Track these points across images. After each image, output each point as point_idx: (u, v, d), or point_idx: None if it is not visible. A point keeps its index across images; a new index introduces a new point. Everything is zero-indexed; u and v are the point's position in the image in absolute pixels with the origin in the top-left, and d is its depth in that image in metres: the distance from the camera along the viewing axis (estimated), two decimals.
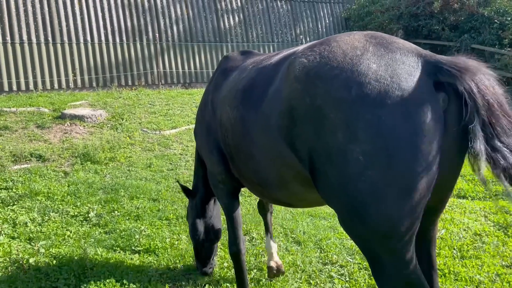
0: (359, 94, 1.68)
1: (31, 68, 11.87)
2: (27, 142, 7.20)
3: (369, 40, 1.84)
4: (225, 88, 2.76)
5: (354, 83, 1.71)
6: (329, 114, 1.75)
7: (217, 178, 2.96)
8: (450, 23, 14.98)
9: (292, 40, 16.60)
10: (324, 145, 1.78)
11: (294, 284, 3.60)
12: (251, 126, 2.31)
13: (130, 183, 5.82)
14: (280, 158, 2.13)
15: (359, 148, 1.67)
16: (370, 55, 1.76)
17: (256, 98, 2.27)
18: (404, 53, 1.76)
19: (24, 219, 4.64)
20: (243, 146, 2.44)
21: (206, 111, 3.03)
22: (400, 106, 1.65)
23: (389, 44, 1.81)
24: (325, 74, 1.79)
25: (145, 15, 13.87)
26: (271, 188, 2.43)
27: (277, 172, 2.25)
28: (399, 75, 1.69)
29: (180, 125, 8.73)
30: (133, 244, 4.19)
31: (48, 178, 5.95)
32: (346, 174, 1.72)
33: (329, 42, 1.93)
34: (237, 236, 3.09)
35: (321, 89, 1.79)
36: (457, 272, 3.71)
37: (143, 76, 13.56)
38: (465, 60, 1.73)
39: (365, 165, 1.67)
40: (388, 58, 1.74)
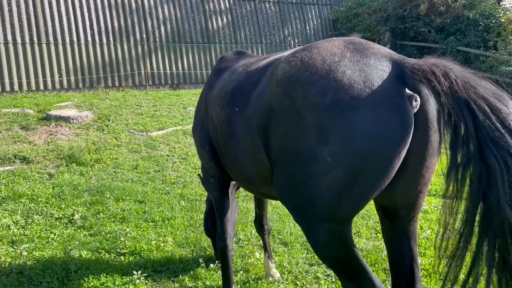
0: (334, 99, 1.78)
1: (16, 69, 11.70)
2: (11, 144, 7.09)
3: (347, 47, 1.94)
4: (217, 88, 2.87)
5: (330, 88, 1.81)
6: (305, 117, 1.85)
7: (209, 172, 3.07)
8: (436, 25, 15.13)
9: (281, 42, 16.63)
10: (295, 145, 1.90)
11: (280, 285, 3.59)
12: (237, 126, 2.41)
13: (116, 185, 5.76)
14: (258, 156, 2.24)
15: (328, 149, 1.79)
16: (347, 61, 1.86)
17: (243, 101, 2.37)
18: (378, 58, 1.86)
19: (7, 222, 4.57)
20: (230, 145, 2.56)
21: (201, 108, 3.14)
22: (370, 109, 1.75)
23: (365, 50, 1.90)
24: (304, 80, 1.90)
25: (133, 15, 13.77)
26: (256, 184, 2.55)
27: (257, 170, 2.36)
28: (372, 80, 1.78)
29: (167, 127, 8.68)
30: (118, 247, 4.14)
31: (32, 180, 5.87)
32: (311, 172, 1.85)
33: (311, 48, 2.03)
34: (225, 231, 3.18)
35: (300, 94, 1.89)
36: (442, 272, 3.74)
37: (130, 77, 13.45)
38: (429, 62, 1.80)
39: (332, 164, 1.79)
40: (363, 64, 1.84)
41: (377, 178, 1.81)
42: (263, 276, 3.73)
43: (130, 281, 3.57)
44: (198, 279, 3.67)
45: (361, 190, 1.84)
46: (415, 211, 2.12)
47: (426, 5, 14.57)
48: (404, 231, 2.15)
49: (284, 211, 5.16)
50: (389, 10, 15.93)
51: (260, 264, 3.92)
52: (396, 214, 2.12)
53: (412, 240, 2.17)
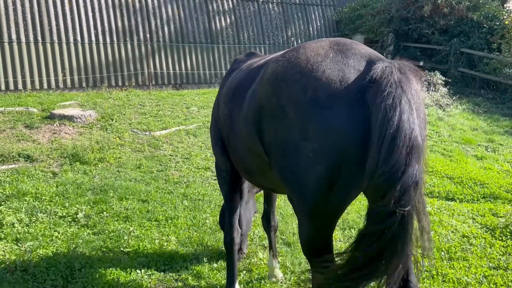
0: (312, 97, 1.90)
1: (20, 68, 11.73)
2: (15, 142, 7.11)
3: (332, 47, 2.05)
4: (225, 87, 3.03)
5: (310, 87, 1.92)
6: (289, 113, 1.98)
7: (221, 167, 3.20)
8: (440, 27, 15.12)
9: (284, 42, 16.63)
10: (283, 140, 2.02)
11: (283, 285, 3.60)
12: (236, 121, 2.59)
13: (119, 184, 5.78)
14: (255, 149, 2.37)
15: (310, 146, 1.90)
16: (328, 61, 1.97)
17: (241, 97, 2.54)
18: (357, 58, 1.97)
19: (11, 220, 4.59)
20: (232, 139, 2.74)
21: (215, 108, 3.29)
22: (345, 107, 1.85)
23: (347, 51, 2.01)
24: (289, 78, 2.02)
25: (136, 15, 13.80)
26: (254, 175, 2.72)
27: (255, 162, 2.50)
28: (348, 79, 1.89)
29: (171, 126, 8.70)
30: (121, 245, 4.16)
31: (36, 179, 5.89)
32: (297, 167, 1.97)
33: (299, 49, 2.17)
34: (232, 225, 3.28)
35: (285, 91, 2.02)
36: (445, 274, 3.74)
37: (133, 77, 13.48)
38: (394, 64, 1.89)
39: (314, 160, 1.89)
40: (342, 64, 1.95)
41: (357, 173, 1.88)
42: (266, 276, 3.74)
43: (134, 280, 3.59)
44: (201, 278, 3.68)
45: (344, 185, 1.94)
46: None
47: (429, 6, 14.56)
48: None
49: (287, 212, 5.16)
50: (392, 12, 15.92)
51: (263, 264, 3.93)
52: None
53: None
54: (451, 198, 5.87)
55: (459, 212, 5.28)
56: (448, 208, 5.42)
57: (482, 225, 4.86)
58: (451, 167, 7.18)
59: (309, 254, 2.25)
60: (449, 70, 14.25)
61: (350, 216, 5.01)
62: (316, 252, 2.20)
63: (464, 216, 5.14)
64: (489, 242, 4.41)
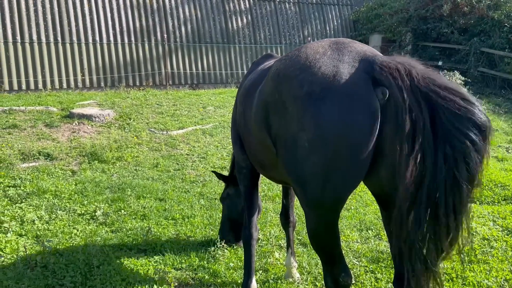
0: (308, 91, 2.02)
1: (40, 68, 11.96)
2: (36, 141, 7.25)
3: (331, 46, 2.16)
4: (242, 87, 3.13)
5: (306, 82, 2.05)
6: (288, 107, 2.10)
7: (241, 164, 3.29)
8: (459, 26, 14.87)
9: (300, 42, 16.58)
10: (284, 132, 2.15)
11: (300, 286, 3.58)
12: (249, 119, 2.71)
13: (137, 183, 5.84)
14: (265, 143, 2.47)
15: (306, 136, 2.01)
16: (325, 58, 2.08)
17: (252, 96, 2.67)
18: (352, 55, 2.07)
19: (31, 217, 4.67)
20: (246, 135, 2.88)
21: (234, 108, 3.40)
22: (338, 100, 1.95)
23: (344, 49, 2.12)
24: (289, 75, 2.16)
25: (154, 15, 13.93)
26: (267, 169, 2.82)
27: (267, 156, 2.59)
28: (341, 74, 1.99)
29: (187, 126, 8.75)
30: (139, 243, 4.20)
31: (56, 177, 5.99)
32: (296, 157, 2.08)
33: (301, 48, 2.29)
34: (251, 221, 3.34)
35: (285, 87, 2.15)
36: (465, 277, 3.68)
37: (151, 77, 13.61)
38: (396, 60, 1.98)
39: (310, 151, 2.00)
40: (337, 60, 2.05)
41: (352, 164, 1.99)
42: (282, 276, 3.73)
43: (152, 277, 3.62)
44: (217, 277, 3.69)
45: (340, 176, 2.02)
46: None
47: (449, 5, 14.34)
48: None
49: (302, 212, 5.13)
50: (411, 11, 15.72)
51: (279, 264, 3.92)
52: (389, 202, 2.17)
53: None
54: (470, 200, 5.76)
55: (479, 214, 5.18)
56: None
57: (503, 228, 4.76)
58: None
59: (316, 247, 2.32)
60: (468, 70, 14.00)
61: (368, 217, 4.96)
62: (322, 243, 2.28)
63: (484, 219, 5.04)
64: (510, 245, 4.32)
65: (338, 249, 2.28)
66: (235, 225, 4.21)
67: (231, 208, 4.23)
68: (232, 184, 4.22)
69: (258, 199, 3.47)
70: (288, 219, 3.82)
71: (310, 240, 2.32)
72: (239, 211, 4.17)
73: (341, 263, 2.29)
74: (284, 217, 3.85)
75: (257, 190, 3.45)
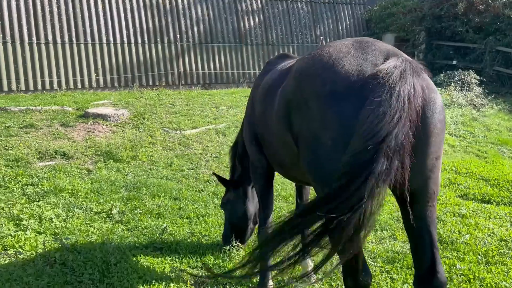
0: (331, 90, 2.03)
1: (56, 68, 12.13)
2: (52, 140, 7.35)
3: (354, 45, 2.18)
4: (260, 87, 3.14)
5: (329, 80, 2.06)
6: (311, 105, 2.12)
7: (256, 164, 3.34)
8: (474, 25, 14.70)
9: (312, 42, 16.55)
10: (306, 130, 2.17)
11: (315, 285, 3.58)
12: (269, 117, 2.72)
13: (152, 182, 5.89)
14: (286, 142, 2.49)
15: (328, 135, 2.02)
16: (349, 57, 2.09)
17: (273, 95, 2.70)
18: (375, 54, 2.08)
19: (49, 215, 4.74)
20: (266, 134, 2.89)
21: (248, 108, 3.44)
22: (361, 98, 1.93)
23: (367, 47, 2.13)
24: (312, 73, 2.19)
25: (167, 16, 14.02)
26: (288, 169, 2.84)
27: (287, 154, 2.61)
28: (365, 73, 2.00)
29: (200, 125, 8.79)
30: (155, 242, 4.24)
31: (72, 175, 6.07)
32: (318, 156, 2.10)
33: (323, 47, 2.30)
34: (267, 220, 3.36)
35: (308, 85, 2.18)
36: (482, 278, 3.64)
37: (164, 77, 13.71)
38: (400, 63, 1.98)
39: (332, 149, 2.01)
40: (361, 59, 2.07)
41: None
42: (298, 275, 3.72)
43: (168, 275, 3.65)
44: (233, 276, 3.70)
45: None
46: (428, 196, 2.21)
47: (464, 4, 14.19)
48: (421, 216, 2.22)
49: None
50: (425, 10, 15.59)
51: None
52: (409, 199, 2.16)
53: (430, 225, 2.25)
54: (487, 201, 5.70)
55: (496, 215, 5.12)
56: (484, 211, 5.27)
57: None
58: (486, 168, 6.97)
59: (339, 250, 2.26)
60: (484, 69, 13.83)
61: (382, 217, 4.94)
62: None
63: (501, 220, 4.99)
64: None
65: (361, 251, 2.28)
66: (237, 230, 4.14)
67: (232, 213, 4.14)
68: (233, 188, 4.16)
69: (272, 198, 3.47)
70: None
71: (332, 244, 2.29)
72: (240, 216, 4.11)
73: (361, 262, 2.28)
74: None
75: (272, 190, 3.45)
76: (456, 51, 15.44)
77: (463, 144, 8.77)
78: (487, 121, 10.47)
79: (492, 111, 11.20)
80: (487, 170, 6.88)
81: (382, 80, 1.91)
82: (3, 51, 11.45)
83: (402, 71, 1.94)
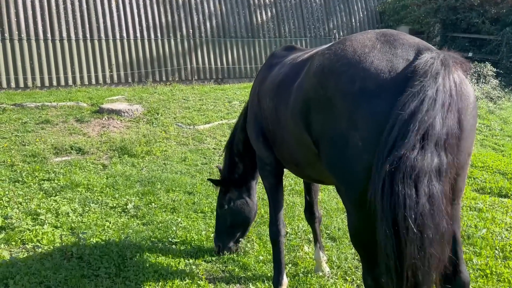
0: (361, 87, 1.92)
1: (70, 64, 12.25)
2: (67, 135, 7.44)
3: (379, 38, 2.06)
4: (268, 81, 3.03)
5: (358, 77, 1.94)
6: (337, 104, 2.00)
7: (265, 161, 3.23)
8: (490, 16, 14.41)
9: (325, 35, 16.41)
10: (331, 130, 2.05)
11: (329, 280, 3.58)
12: (283, 114, 2.62)
13: (166, 176, 5.93)
14: (303, 141, 2.40)
15: (358, 135, 1.91)
16: (376, 52, 1.98)
17: (287, 90, 2.58)
18: (405, 48, 1.97)
19: (66, 210, 4.81)
20: (278, 132, 2.79)
21: (254, 103, 3.30)
22: (394, 96, 1.84)
23: (394, 41, 2.02)
24: (336, 70, 2.05)
25: (179, 11, 14.04)
26: (303, 167, 2.75)
27: (303, 153, 2.53)
28: (396, 69, 1.90)
29: (214, 120, 8.81)
30: (170, 236, 4.27)
31: (88, 170, 6.14)
32: (345, 156, 1.99)
33: (345, 41, 2.17)
34: (278, 218, 3.30)
35: (332, 83, 2.05)
36: (500, 273, 3.59)
37: (177, 72, 13.75)
38: (449, 55, 1.91)
39: (363, 149, 1.90)
40: (390, 54, 1.96)
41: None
42: (312, 270, 3.73)
43: (183, 269, 3.68)
44: (247, 270, 3.72)
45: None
46: (455, 194, 2.13)
47: None
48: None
49: (331, 206, 5.12)
50: (439, 1, 15.33)
51: (308, 258, 3.93)
52: None
53: (454, 223, 2.17)
54: (504, 195, 5.61)
55: None
56: (501, 205, 5.19)
57: None
58: (503, 162, 6.86)
59: (358, 245, 2.24)
60: (500, 61, 13.57)
61: None
62: (365, 243, 2.19)
63: None
64: None
65: None
66: (240, 230, 3.99)
67: (237, 212, 3.93)
68: (234, 187, 3.96)
69: (283, 195, 3.38)
70: (314, 215, 3.79)
71: (352, 239, 2.24)
72: (246, 215, 3.94)
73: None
74: (308, 213, 3.82)
75: (282, 186, 3.36)
76: (472, 43, 15.17)
77: (479, 137, 8.64)
78: (504, 114, 10.28)
79: (509, 103, 10.99)
80: (504, 163, 6.77)
81: (425, 73, 1.82)
82: (19, 48, 11.60)
83: (443, 64, 1.86)
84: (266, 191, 3.38)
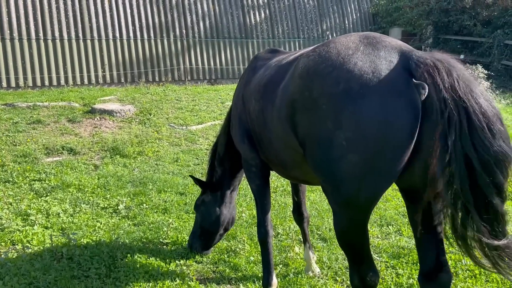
0: (345, 88, 1.96)
1: (62, 64, 12.19)
2: (59, 136, 7.41)
3: (362, 41, 2.11)
4: (253, 83, 3.05)
5: (342, 79, 1.99)
6: (322, 105, 2.04)
7: (250, 162, 3.24)
8: (482, 18, 14.55)
9: (319, 36, 16.47)
10: (316, 131, 2.09)
11: (320, 280, 3.60)
12: (269, 116, 2.64)
13: (158, 177, 5.92)
14: (289, 142, 2.43)
15: (343, 135, 1.95)
16: (359, 54, 2.03)
17: (273, 92, 2.61)
18: (387, 50, 2.02)
19: (56, 210, 4.79)
20: (264, 133, 2.80)
21: (238, 105, 3.31)
22: (378, 97, 1.90)
23: (377, 43, 2.07)
24: (321, 72, 2.09)
25: (173, 11, 14.02)
26: (289, 168, 2.78)
27: (289, 155, 2.57)
28: (380, 70, 1.94)
29: (206, 121, 8.81)
30: (161, 237, 4.27)
31: (79, 171, 6.12)
32: (331, 156, 2.03)
33: (329, 43, 2.22)
34: (265, 219, 3.30)
35: (317, 84, 2.09)
36: (488, 273, 3.63)
37: (170, 72, 13.73)
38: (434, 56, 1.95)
39: (347, 149, 1.96)
40: (373, 56, 2.00)
41: (391, 163, 1.95)
42: (303, 270, 3.74)
43: (173, 270, 3.68)
44: (238, 271, 3.72)
45: (377, 175, 1.98)
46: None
47: None
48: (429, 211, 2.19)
49: (322, 207, 5.14)
50: (432, 3, 15.45)
51: (299, 258, 3.94)
52: (418, 196, 2.15)
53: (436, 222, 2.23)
54: None
55: None
56: None
57: None
58: None
59: (344, 246, 2.28)
60: (492, 63, 13.71)
61: (388, 212, 4.93)
62: (351, 243, 2.25)
63: None
64: None
65: (367, 248, 2.26)
66: (206, 235, 3.94)
67: (205, 216, 3.92)
68: (210, 190, 3.96)
69: (269, 196, 3.37)
70: (302, 215, 3.81)
71: (338, 239, 2.28)
72: (213, 221, 3.89)
73: (369, 262, 2.26)
74: (297, 213, 3.83)
75: (269, 188, 3.35)
76: (464, 45, 15.30)
77: None
78: None
79: (500, 105, 11.09)
80: None
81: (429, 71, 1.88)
82: (11, 48, 11.52)
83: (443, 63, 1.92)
84: (253, 193, 3.37)
